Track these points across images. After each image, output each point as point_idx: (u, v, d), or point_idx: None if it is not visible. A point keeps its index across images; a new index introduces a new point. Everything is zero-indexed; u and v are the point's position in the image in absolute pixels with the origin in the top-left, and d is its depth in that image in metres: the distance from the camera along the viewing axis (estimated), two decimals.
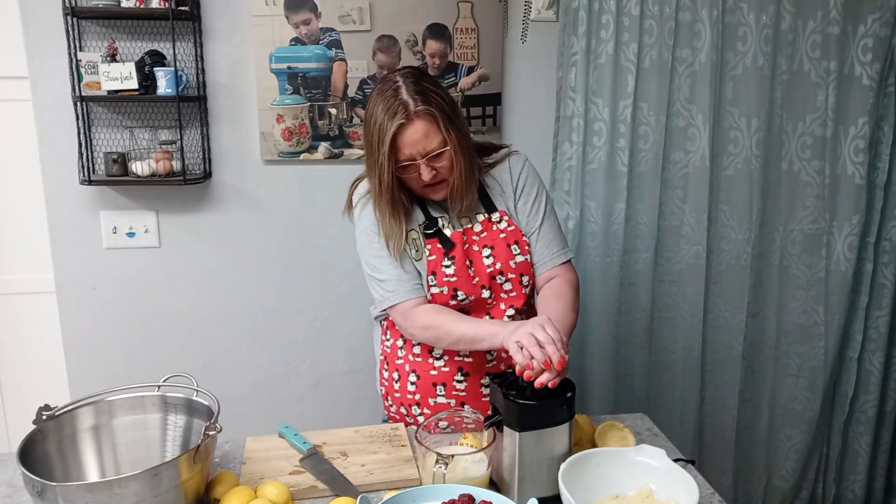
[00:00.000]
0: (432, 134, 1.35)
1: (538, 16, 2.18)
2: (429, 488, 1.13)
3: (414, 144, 1.35)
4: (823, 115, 2.27)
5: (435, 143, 1.36)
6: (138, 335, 2.19)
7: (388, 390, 1.60)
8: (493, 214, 1.50)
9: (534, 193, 1.52)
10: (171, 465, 1.07)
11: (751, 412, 2.51)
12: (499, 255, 1.47)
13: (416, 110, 1.32)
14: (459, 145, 1.38)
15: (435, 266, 1.45)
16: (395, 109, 1.33)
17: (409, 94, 1.33)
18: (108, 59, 1.95)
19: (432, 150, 1.36)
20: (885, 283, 2.43)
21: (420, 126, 1.34)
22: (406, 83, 1.35)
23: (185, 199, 2.14)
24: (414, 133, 1.34)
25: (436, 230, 1.46)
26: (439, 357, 1.51)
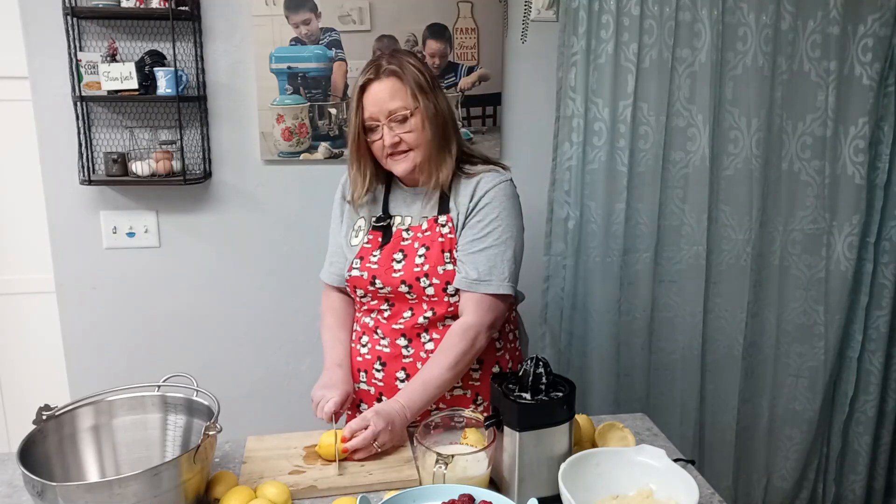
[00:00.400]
0: (398, 95, 1.40)
1: (538, 16, 2.18)
2: (429, 488, 1.13)
3: (378, 102, 1.41)
4: (823, 115, 2.27)
5: (398, 104, 1.40)
6: (138, 335, 2.19)
7: None
8: (440, 217, 1.49)
9: (490, 218, 1.45)
10: (171, 465, 1.07)
11: (751, 412, 2.51)
12: (430, 258, 1.47)
13: (386, 69, 1.40)
14: (429, 116, 1.42)
15: (365, 253, 1.52)
16: (368, 67, 1.43)
17: (385, 58, 1.43)
18: (108, 59, 1.95)
19: (395, 109, 1.40)
20: (885, 283, 2.42)
21: (386, 84, 1.40)
22: (389, 53, 1.46)
23: (185, 199, 2.14)
24: (380, 90, 1.40)
25: (384, 225, 1.52)
26: (364, 344, 1.56)
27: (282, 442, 1.40)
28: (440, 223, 1.49)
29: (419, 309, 1.49)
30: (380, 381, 1.55)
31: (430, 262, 1.46)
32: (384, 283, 1.48)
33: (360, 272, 1.50)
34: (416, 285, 1.47)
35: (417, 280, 1.46)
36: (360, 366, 1.57)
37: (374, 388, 1.56)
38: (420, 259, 1.47)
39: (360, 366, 1.57)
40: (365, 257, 1.51)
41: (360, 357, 1.57)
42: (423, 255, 1.47)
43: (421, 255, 1.48)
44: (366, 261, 1.51)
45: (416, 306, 1.50)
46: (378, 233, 1.53)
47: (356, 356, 1.58)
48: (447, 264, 1.47)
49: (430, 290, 1.47)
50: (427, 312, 1.49)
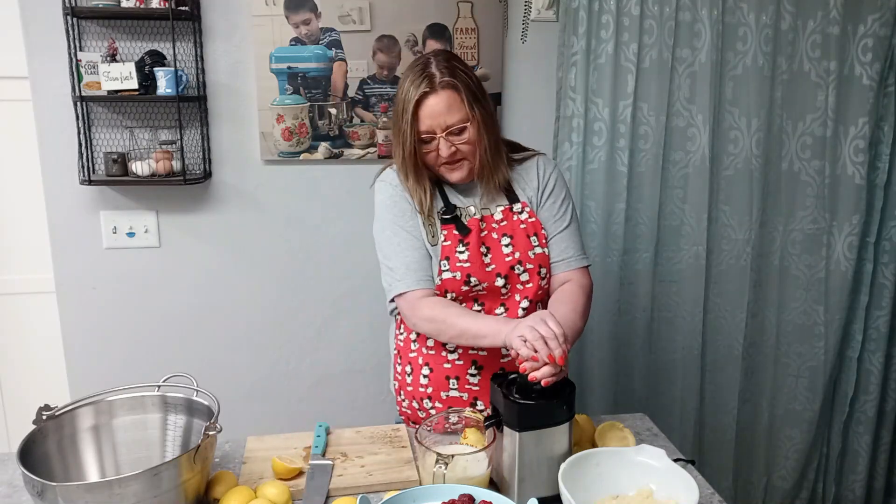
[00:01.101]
0: (455, 107, 1.37)
1: (538, 16, 2.18)
2: (429, 488, 1.13)
3: (435, 116, 1.37)
4: (823, 115, 2.27)
5: (457, 117, 1.37)
6: (138, 335, 2.19)
7: (401, 385, 1.60)
8: (514, 205, 1.50)
9: (561, 197, 1.53)
10: (171, 465, 1.07)
11: (751, 412, 2.51)
12: (518, 245, 1.47)
13: (441, 81, 1.36)
14: (483, 123, 1.40)
15: (449, 251, 1.45)
16: (420, 80, 1.36)
17: (438, 67, 1.37)
18: (108, 59, 1.95)
19: (453, 124, 1.38)
20: (885, 283, 2.43)
21: (443, 97, 1.36)
22: (437, 59, 1.39)
23: (185, 199, 2.14)
24: (436, 104, 1.36)
25: (453, 216, 1.47)
26: (453, 350, 1.51)
27: (282, 442, 1.41)
28: (515, 211, 1.49)
29: (512, 302, 1.47)
30: (475, 384, 1.51)
31: (519, 248, 1.46)
32: (480, 279, 1.44)
33: (453, 273, 1.43)
34: (511, 274, 1.46)
35: (512, 269, 1.46)
36: (448, 373, 1.51)
37: (467, 394, 1.52)
38: (508, 248, 1.46)
39: (448, 373, 1.51)
40: (451, 256, 1.44)
41: (447, 364, 1.51)
42: (509, 245, 1.47)
43: (507, 244, 1.47)
44: (454, 260, 1.44)
45: (509, 300, 1.48)
46: (450, 226, 1.46)
47: (443, 363, 1.51)
48: (536, 248, 1.48)
49: (525, 276, 1.47)
50: (522, 303, 1.47)
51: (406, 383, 1.58)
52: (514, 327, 1.26)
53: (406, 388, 1.59)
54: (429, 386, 1.53)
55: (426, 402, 1.55)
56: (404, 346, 1.58)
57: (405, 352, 1.58)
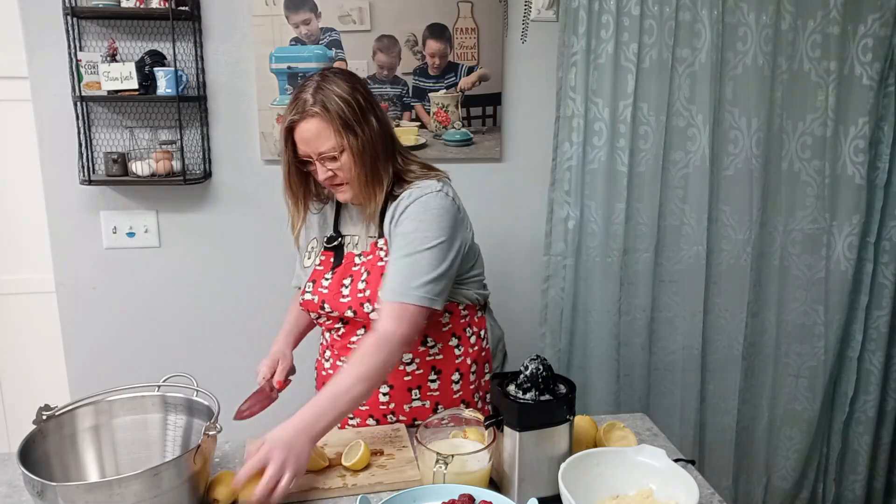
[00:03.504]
0: (324, 135, 1.37)
1: (538, 16, 2.18)
2: (429, 488, 1.13)
3: (307, 142, 1.39)
4: (823, 115, 2.27)
5: (326, 145, 1.37)
6: (138, 335, 2.19)
7: None
8: (380, 240, 1.46)
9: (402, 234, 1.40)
10: (171, 465, 1.07)
11: (751, 412, 2.51)
12: (371, 283, 1.44)
13: (309, 110, 1.36)
14: (356, 154, 1.38)
15: (317, 276, 1.52)
16: (294, 104, 1.38)
17: (313, 93, 1.37)
18: (108, 59, 1.95)
19: (324, 151, 1.38)
20: (885, 283, 2.42)
21: (312, 125, 1.37)
22: (319, 83, 1.38)
23: (185, 199, 2.14)
24: (306, 131, 1.38)
25: (335, 245, 1.51)
26: (328, 359, 1.57)
27: None
28: (379, 246, 1.46)
29: (370, 326, 1.44)
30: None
31: (370, 286, 1.44)
32: (332, 307, 1.48)
33: (312, 296, 1.51)
34: (360, 311, 1.44)
35: (361, 306, 1.44)
36: (325, 380, 1.57)
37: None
38: (362, 285, 1.45)
39: (325, 380, 1.57)
40: (317, 281, 1.51)
41: (324, 371, 1.60)
42: (364, 281, 1.45)
43: (363, 280, 1.45)
44: (318, 285, 1.51)
45: (368, 325, 1.46)
46: (330, 253, 1.52)
47: (321, 370, 1.61)
48: None
49: (375, 315, 1.41)
50: None
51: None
52: None
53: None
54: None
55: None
56: None
57: None
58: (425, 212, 1.40)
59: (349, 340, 1.52)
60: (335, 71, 1.44)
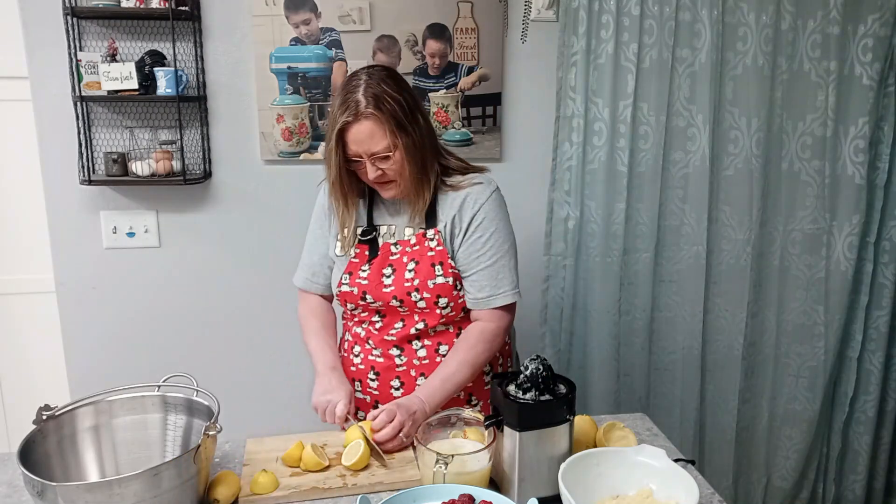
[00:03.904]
0: (378, 136, 1.38)
1: (538, 16, 2.18)
2: (429, 488, 1.13)
3: (359, 143, 1.39)
4: (823, 115, 2.27)
5: (381, 145, 1.38)
6: (138, 335, 2.19)
7: None
8: (428, 231, 1.49)
9: (489, 233, 1.48)
10: (171, 465, 1.07)
11: (751, 412, 2.51)
12: (420, 273, 1.47)
13: (364, 112, 1.36)
14: (408, 153, 1.40)
15: (354, 267, 1.51)
16: (346, 105, 1.38)
17: (365, 94, 1.37)
18: (108, 59, 1.95)
19: (377, 151, 1.39)
20: (885, 282, 2.42)
21: (366, 126, 1.37)
22: (368, 82, 1.38)
23: (185, 199, 2.14)
24: (359, 132, 1.38)
25: (370, 238, 1.51)
26: (357, 354, 1.57)
27: (282, 443, 1.40)
28: (428, 237, 1.49)
29: (410, 320, 1.50)
30: (375, 390, 1.56)
31: (420, 276, 1.47)
32: (375, 298, 1.49)
33: (350, 287, 1.50)
34: (407, 300, 1.47)
35: (409, 294, 1.47)
36: (353, 375, 1.57)
37: (369, 397, 1.58)
38: (410, 274, 1.47)
39: (353, 375, 1.57)
40: (354, 272, 1.50)
41: (353, 367, 1.58)
42: (412, 270, 1.47)
43: (411, 269, 1.48)
44: (355, 276, 1.50)
45: (408, 317, 1.51)
46: (365, 246, 1.51)
47: (349, 366, 1.58)
48: (437, 277, 1.47)
49: (422, 304, 1.48)
50: (418, 324, 1.50)
51: None
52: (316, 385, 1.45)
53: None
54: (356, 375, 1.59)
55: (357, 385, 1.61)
56: None
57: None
58: (498, 210, 1.51)
59: (387, 333, 1.52)
60: (379, 68, 1.44)
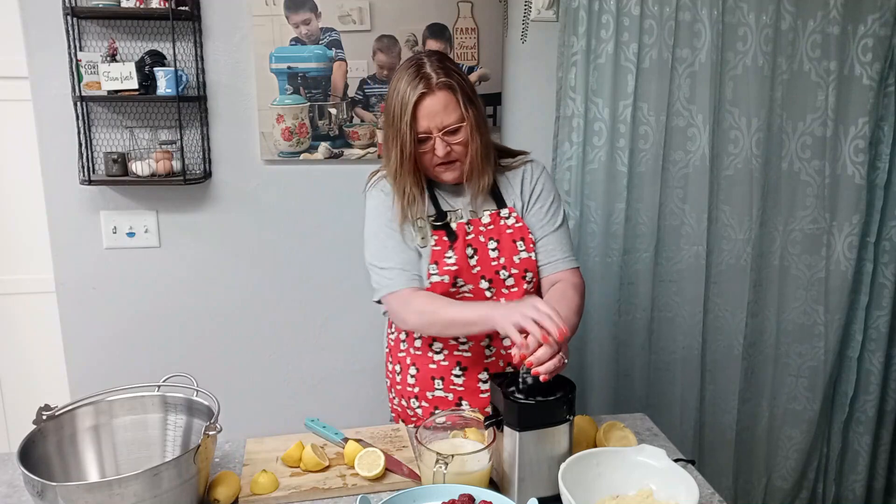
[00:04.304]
0: (451, 107, 1.38)
1: (538, 16, 2.18)
2: (429, 488, 1.13)
3: (432, 116, 1.38)
4: (823, 115, 2.27)
5: (453, 117, 1.39)
6: (138, 335, 2.19)
7: (392, 383, 1.63)
8: (502, 210, 1.51)
9: (549, 201, 1.54)
10: (171, 465, 1.07)
11: (751, 412, 2.51)
12: (504, 250, 1.48)
13: (438, 82, 1.37)
14: (476, 125, 1.42)
15: (438, 256, 1.46)
16: (417, 81, 1.37)
17: (433, 68, 1.38)
18: (108, 59, 1.95)
19: (449, 124, 1.39)
20: (885, 282, 2.43)
21: (440, 97, 1.37)
22: (430, 60, 1.40)
23: (185, 199, 2.14)
24: (434, 104, 1.37)
25: (444, 223, 1.48)
26: (439, 351, 1.52)
27: (282, 444, 1.40)
28: (503, 216, 1.50)
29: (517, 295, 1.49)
30: (460, 385, 1.52)
31: (504, 253, 1.48)
32: (466, 280, 1.46)
33: (441, 276, 1.44)
34: (496, 279, 1.47)
35: (497, 273, 1.47)
36: (433, 373, 1.53)
37: (452, 394, 1.53)
38: (494, 253, 1.48)
39: (433, 373, 1.53)
40: (440, 261, 1.45)
41: (433, 364, 1.52)
42: (495, 249, 1.48)
43: (493, 248, 1.48)
44: (442, 264, 1.45)
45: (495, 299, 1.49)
46: (441, 232, 1.48)
47: (428, 363, 1.53)
48: (521, 252, 1.49)
49: (510, 281, 1.48)
50: None
51: (395, 382, 1.61)
52: (507, 314, 1.26)
53: (395, 387, 1.61)
54: (415, 386, 1.55)
55: (413, 402, 1.56)
56: (394, 345, 1.61)
57: (395, 351, 1.60)
58: (552, 184, 1.58)
59: None
60: (430, 52, 1.46)
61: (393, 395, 1.64)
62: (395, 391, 1.62)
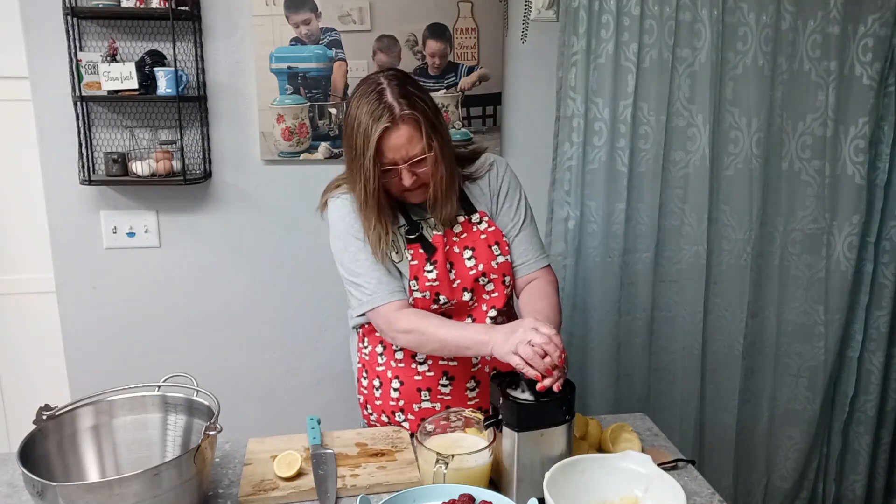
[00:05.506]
0: (415, 140, 1.33)
1: (538, 16, 2.18)
2: (429, 488, 1.13)
3: (397, 149, 1.33)
4: (823, 115, 2.27)
5: (417, 149, 1.34)
6: (138, 335, 2.19)
7: (368, 398, 1.58)
8: (472, 216, 1.49)
9: (516, 198, 1.53)
10: (171, 465, 1.07)
11: (751, 412, 2.51)
12: (480, 257, 1.46)
13: (402, 114, 1.31)
14: (441, 153, 1.37)
15: (417, 271, 1.43)
16: (380, 113, 1.31)
17: (395, 97, 1.32)
18: (109, 59, 1.95)
19: (414, 155, 1.34)
20: (885, 282, 2.42)
21: (405, 131, 1.32)
22: (391, 86, 1.33)
23: (185, 199, 2.14)
24: (398, 138, 1.32)
25: (418, 235, 1.45)
26: (423, 362, 1.50)
27: (283, 444, 1.40)
28: (474, 222, 1.49)
29: (479, 313, 1.48)
30: (447, 394, 1.50)
31: (481, 260, 1.46)
32: (448, 297, 1.44)
33: (422, 293, 1.42)
34: (477, 287, 1.46)
35: (477, 281, 1.46)
36: (419, 385, 1.50)
37: (440, 404, 1.50)
38: (471, 262, 1.46)
39: (419, 385, 1.50)
40: (420, 276, 1.43)
41: (418, 376, 1.50)
42: (472, 257, 1.46)
43: (469, 257, 1.46)
44: (423, 280, 1.43)
45: (476, 310, 1.48)
46: (416, 245, 1.44)
47: (413, 375, 1.50)
48: (498, 257, 1.48)
49: (490, 287, 1.47)
50: (490, 312, 1.47)
51: (374, 397, 1.56)
52: (506, 341, 1.24)
53: (374, 402, 1.56)
54: (399, 399, 1.52)
55: (398, 416, 1.53)
56: (370, 359, 1.56)
57: (371, 365, 1.56)
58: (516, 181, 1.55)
59: None
60: (391, 71, 1.39)
61: (370, 410, 1.58)
62: (374, 406, 1.57)
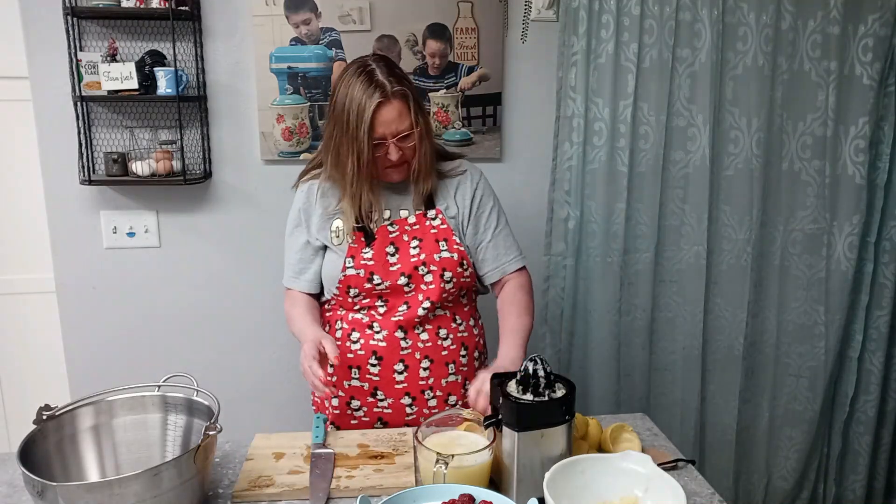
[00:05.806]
0: (404, 115, 1.45)
1: (538, 16, 2.18)
2: (429, 488, 1.13)
3: (388, 124, 1.43)
4: (824, 115, 2.27)
5: (405, 124, 1.45)
6: (138, 335, 2.19)
7: None
8: (429, 211, 1.57)
9: (489, 206, 1.62)
10: (171, 465, 1.07)
11: (751, 412, 2.51)
12: (425, 248, 1.54)
13: (393, 91, 1.42)
14: (427, 130, 1.50)
15: (354, 251, 1.53)
16: (372, 90, 1.42)
17: (384, 76, 1.43)
18: (109, 59, 1.95)
19: (402, 130, 1.45)
20: (885, 282, 2.42)
21: (396, 105, 1.43)
22: (379, 67, 1.45)
23: (185, 199, 2.14)
24: (390, 112, 1.43)
25: (360, 227, 1.54)
26: (356, 340, 1.56)
27: (288, 441, 1.41)
28: (429, 217, 1.56)
29: (414, 300, 1.54)
30: (375, 375, 1.56)
31: (425, 251, 1.53)
32: (383, 277, 1.52)
33: (356, 270, 1.52)
34: (415, 275, 1.52)
35: (416, 269, 1.52)
36: (351, 362, 1.57)
37: (367, 384, 1.57)
38: (415, 250, 1.53)
39: (351, 362, 1.57)
40: (356, 255, 1.53)
41: (350, 354, 1.57)
42: (417, 247, 1.54)
43: (415, 246, 1.54)
44: (359, 258, 1.52)
45: (412, 299, 1.54)
46: (360, 233, 1.54)
47: (346, 353, 1.57)
48: (443, 252, 1.54)
49: (429, 278, 1.53)
50: (424, 303, 1.53)
51: None
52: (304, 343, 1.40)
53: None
54: (333, 375, 1.57)
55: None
56: None
57: None
58: (490, 189, 1.65)
59: (394, 315, 1.54)
60: (375, 56, 1.51)
61: None
62: None
